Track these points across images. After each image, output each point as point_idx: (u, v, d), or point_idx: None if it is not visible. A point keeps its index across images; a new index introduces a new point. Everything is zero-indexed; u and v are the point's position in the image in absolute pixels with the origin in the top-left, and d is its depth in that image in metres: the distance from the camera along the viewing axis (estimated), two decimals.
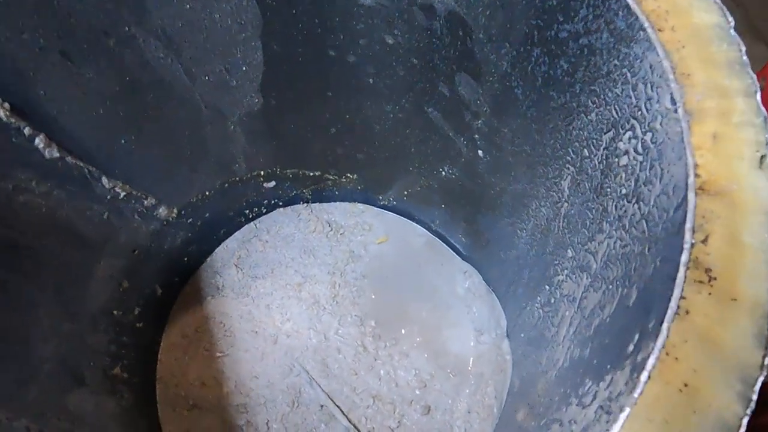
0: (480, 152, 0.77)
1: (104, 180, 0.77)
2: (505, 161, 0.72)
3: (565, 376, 0.51)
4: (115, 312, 0.85)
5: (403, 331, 1.04)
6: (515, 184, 0.73)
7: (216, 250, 1.11)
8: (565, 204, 0.59)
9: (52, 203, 0.70)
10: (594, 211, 0.51)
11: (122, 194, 0.81)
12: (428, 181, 0.98)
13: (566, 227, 0.59)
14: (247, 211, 1.11)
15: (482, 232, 0.93)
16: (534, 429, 0.59)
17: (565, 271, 0.59)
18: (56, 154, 0.66)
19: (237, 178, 1.01)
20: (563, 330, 0.58)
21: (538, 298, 0.71)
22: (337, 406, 0.95)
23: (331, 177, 1.09)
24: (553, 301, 0.63)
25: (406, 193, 1.07)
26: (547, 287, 0.66)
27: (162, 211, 0.91)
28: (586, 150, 0.52)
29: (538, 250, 0.71)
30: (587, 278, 0.52)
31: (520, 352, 0.84)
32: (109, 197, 0.79)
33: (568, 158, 0.56)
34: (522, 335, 0.82)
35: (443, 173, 0.92)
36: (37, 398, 0.62)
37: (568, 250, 0.58)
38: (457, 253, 1.12)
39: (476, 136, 0.74)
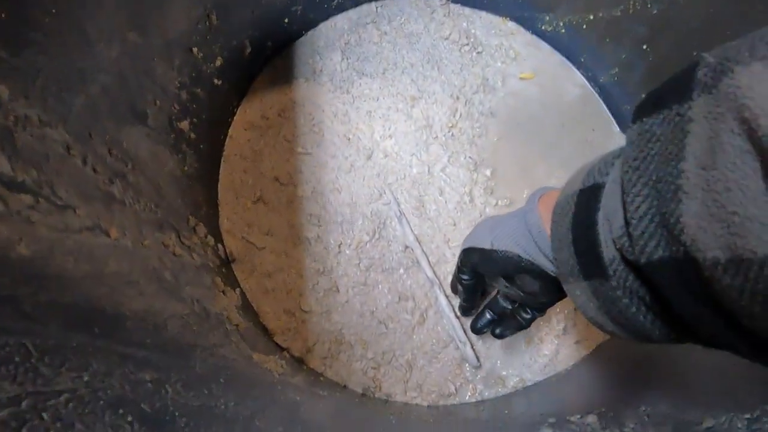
0: None
1: None
2: None
3: None
4: (194, 50, 0.64)
5: (524, 194, 0.82)
6: None
7: (322, 24, 0.87)
8: None
9: None
10: None
11: None
12: (650, 6, 0.68)
13: None
14: None
15: None
16: None
17: None
18: None
19: None
20: None
21: None
22: (424, 253, 0.78)
23: None
24: None
25: (590, 17, 0.78)
26: None
27: None
28: None
29: None
30: None
31: None
32: None
33: None
34: None
35: None
36: (84, 112, 0.43)
37: None
38: (618, 122, 0.85)
39: None
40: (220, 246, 0.72)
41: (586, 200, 0.34)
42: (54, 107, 0.39)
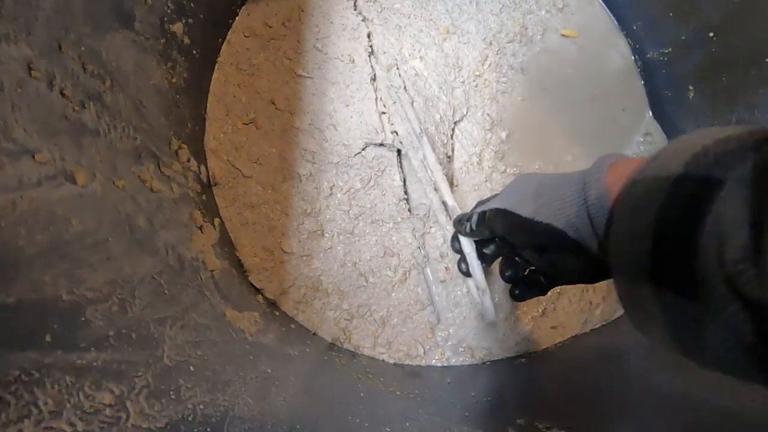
0: None
1: None
2: None
3: None
4: None
5: (535, 166, 0.77)
6: None
7: None
8: None
9: None
10: None
11: None
12: None
13: None
14: None
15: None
16: None
17: None
18: None
19: None
20: None
21: None
22: (445, 177, 0.71)
23: None
24: None
25: None
26: None
27: None
28: None
29: None
30: None
31: None
32: None
33: None
34: None
35: None
36: (55, 17, 0.34)
37: None
38: (652, 107, 0.78)
39: None
40: (202, 168, 0.65)
41: (688, 193, 0.26)
42: (14, 12, 0.30)
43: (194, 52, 0.61)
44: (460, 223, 0.53)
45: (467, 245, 0.55)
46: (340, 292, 0.71)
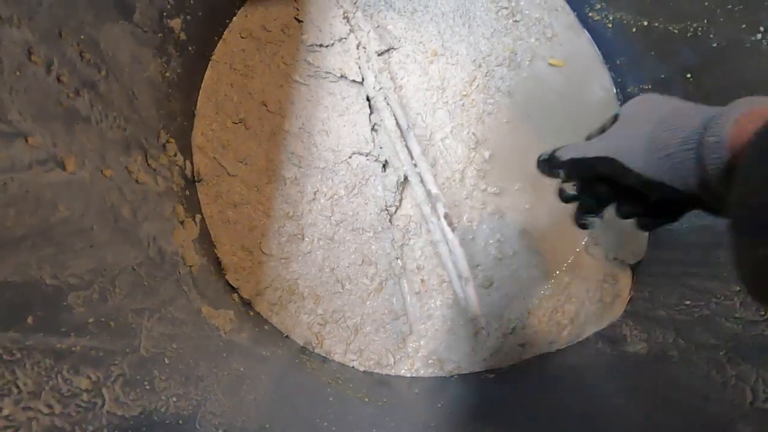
0: None
1: None
2: None
3: None
4: None
5: (515, 187, 0.79)
6: None
7: None
8: None
9: None
10: None
11: None
12: (712, 37, 0.62)
13: None
14: None
15: None
16: None
17: None
18: None
19: None
20: None
21: None
22: (429, 168, 0.73)
23: None
24: None
25: (644, 23, 0.71)
26: None
27: None
28: None
29: None
30: None
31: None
32: None
33: None
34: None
35: None
36: (58, 4, 0.35)
37: None
38: None
39: None
40: (188, 164, 0.65)
41: None
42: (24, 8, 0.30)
43: (189, 48, 0.61)
44: (549, 165, 0.48)
45: (447, 230, 0.52)
46: (315, 296, 0.72)
